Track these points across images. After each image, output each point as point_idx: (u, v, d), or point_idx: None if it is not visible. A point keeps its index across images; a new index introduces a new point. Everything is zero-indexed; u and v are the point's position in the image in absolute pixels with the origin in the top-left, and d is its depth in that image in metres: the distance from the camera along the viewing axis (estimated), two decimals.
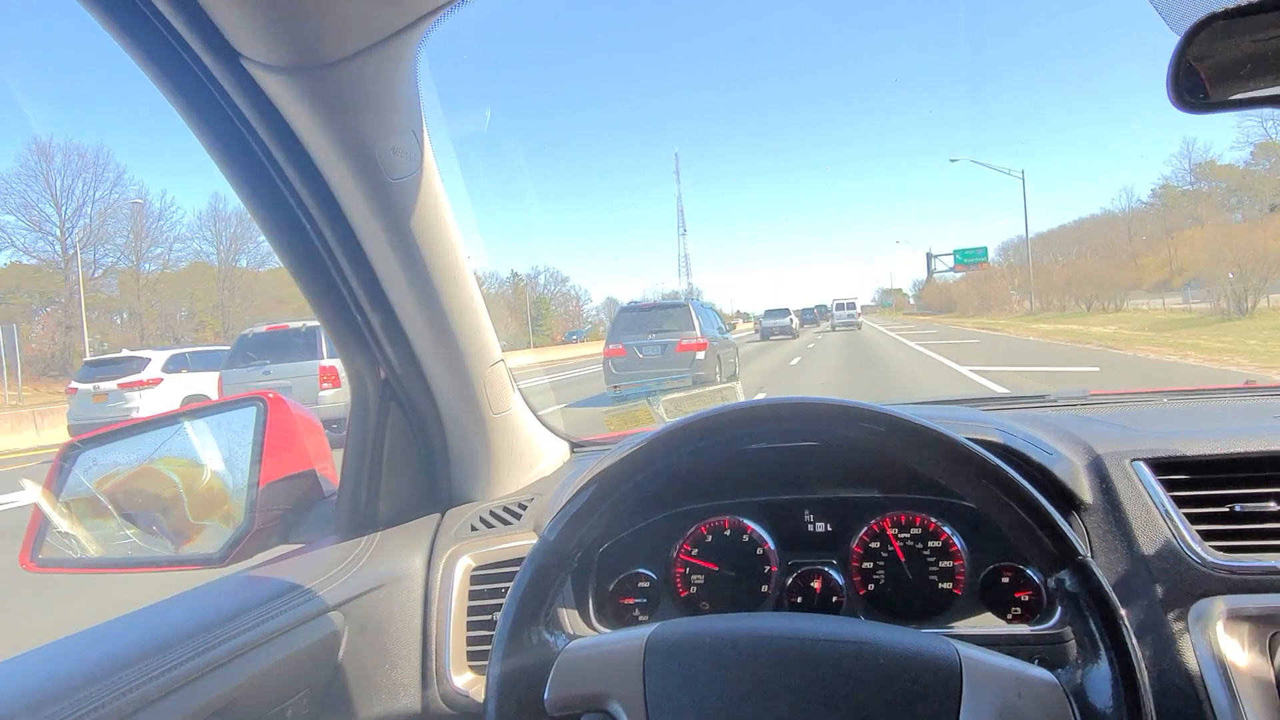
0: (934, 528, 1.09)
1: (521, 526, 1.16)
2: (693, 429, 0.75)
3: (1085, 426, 1.15)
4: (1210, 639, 0.87)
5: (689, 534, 1.16)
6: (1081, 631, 0.65)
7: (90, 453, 1.19)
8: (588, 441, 1.46)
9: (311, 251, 0.97)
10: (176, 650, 0.81)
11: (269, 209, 0.92)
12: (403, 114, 0.86)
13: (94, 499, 1.17)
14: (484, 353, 1.14)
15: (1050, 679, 0.64)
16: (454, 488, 1.24)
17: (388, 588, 1.08)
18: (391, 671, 1.05)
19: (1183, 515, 0.96)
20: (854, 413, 0.73)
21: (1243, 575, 0.90)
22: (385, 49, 0.76)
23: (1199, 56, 0.76)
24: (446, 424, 1.18)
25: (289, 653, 0.92)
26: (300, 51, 0.74)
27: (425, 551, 1.14)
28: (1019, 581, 1.05)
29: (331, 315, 1.05)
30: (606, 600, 1.15)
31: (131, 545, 1.16)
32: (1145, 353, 14.68)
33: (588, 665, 0.71)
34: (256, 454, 1.12)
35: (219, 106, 0.81)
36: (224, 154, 0.86)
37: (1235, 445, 1.00)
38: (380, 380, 1.13)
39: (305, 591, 0.98)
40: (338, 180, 0.89)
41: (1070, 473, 1.03)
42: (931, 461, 0.71)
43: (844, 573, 1.11)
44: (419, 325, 1.06)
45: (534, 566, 0.74)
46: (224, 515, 1.13)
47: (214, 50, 0.75)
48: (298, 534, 1.16)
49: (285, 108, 0.81)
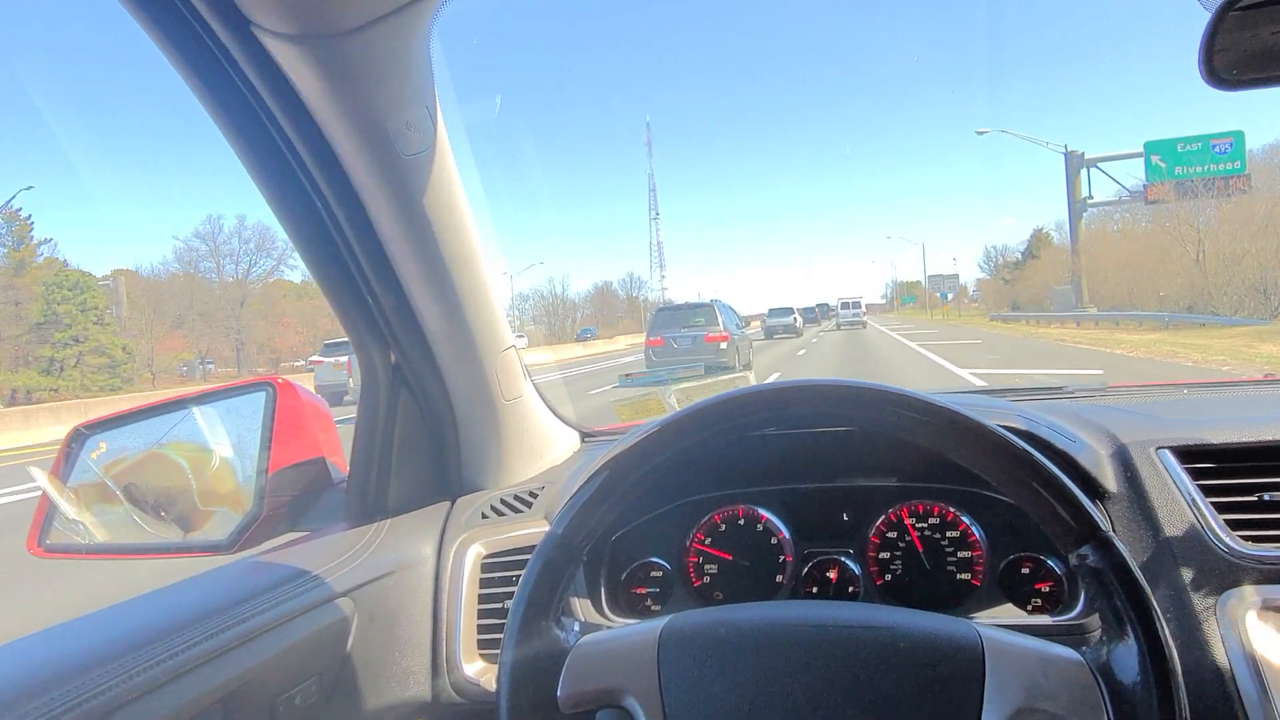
0: (952, 517, 1.07)
1: (533, 515, 1.15)
2: (714, 411, 0.73)
3: (1108, 415, 1.13)
4: (1240, 630, 0.85)
5: (702, 523, 1.14)
6: (1106, 609, 0.63)
7: (98, 437, 1.18)
8: (599, 431, 1.45)
9: (321, 229, 0.96)
10: (184, 634, 0.80)
11: (278, 184, 0.91)
12: (417, 88, 0.85)
13: (102, 484, 1.16)
14: (495, 338, 1.13)
15: (1076, 657, 0.62)
16: (464, 475, 1.23)
17: (398, 574, 1.07)
18: (401, 659, 1.04)
19: (1210, 504, 0.94)
20: (865, 394, 0.70)
21: (1272, 565, 0.88)
22: (399, 19, 0.75)
23: (1231, 31, 0.74)
24: (457, 410, 1.16)
25: (298, 638, 0.91)
26: (312, 19, 0.72)
27: (436, 539, 1.13)
28: (1039, 572, 1.03)
29: (342, 297, 1.03)
30: (619, 589, 1.14)
31: (139, 531, 1.15)
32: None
33: (600, 660, 0.69)
34: (266, 440, 1.11)
35: (228, 76, 0.80)
36: (233, 127, 0.85)
37: (1263, 434, 0.98)
38: (391, 365, 1.12)
39: (314, 578, 0.97)
40: (349, 154, 0.88)
41: (1094, 461, 1.01)
42: (947, 441, 0.69)
43: (860, 562, 1.09)
44: (430, 308, 1.04)
45: (542, 561, 0.72)
46: (233, 501, 1.12)
47: (223, 16, 0.73)
48: (307, 521, 1.15)
49: (297, 78, 0.79)
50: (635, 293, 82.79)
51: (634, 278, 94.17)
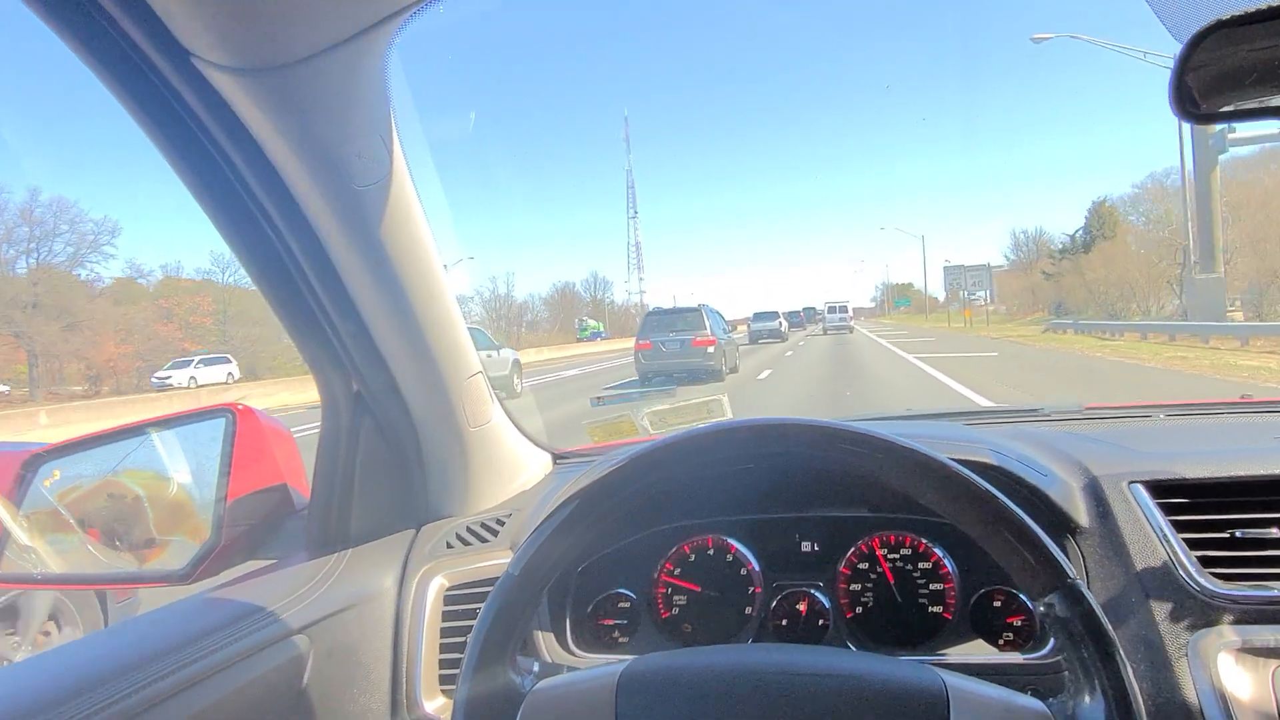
0: (924, 548, 1.05)
1: (499, 544, 1.13)
2: (672, 450, 0.72)
3: (1081, 445, 1.11)
4: (1211, 671, 0.84)
5: (671, 553, 1.12)
6: (1074, 659, 0.62)
7: (52, 464, 1.15)
8: (570, 453, 1.42)
9: (275, 258, 0.93)
10: (127, 679, 0.77)
11: (229, 216, 0.88)
12: (368, 118, 0.83)
13: (55, 512, 1.13)
14: (461, 365, 1.10)
15: (1041, 709, 0.61)
16: (430, 503, 1.20)
17: (357, 608, 1.04)
18: (359, 697, 1.01)
19: (1181, 540, 0.92)
20: (836, 434, 0.69)
21: (1244, 605, 0.87)
22: (347, 50, 0.72)
23: (1202, 65, 0.73)
24: (422, 437, 1.14)
25: (249, 679, 0.88)
26: (253, 51, 0.70)
27: (398, 570, 1.11)
28: (1011, 606, 1.01)
29: (299, 325, 1.01)
30: (585, 621, 1.12)
31: (93, 560, 1.12)
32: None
33: (557, 709, 0.67)
34: (225, 467, 1.08)
35: (171, 108, 0.77)
36: (180, 158, 0.82)
37: (1235, 468, 0.97)
38: (353, 393, 1.09)
39: (268, 614, 0.94)
40: (300, 187, 0.85)
41: (1066, 495, 0.99)
42: (914, 482, 0.68)
43: (831, 595, 1.07)
44: (391, 338, 1.02)
45: (498, 603, 0.70)
46: (190, 530, 1.09)
47: (162, 48, 0.70)
48: (268, 550, 1.12)
49: (241, 110, 0.76)
50: (601, 294, 77.45)
51: (599, 278, 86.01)
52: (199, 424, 1.14)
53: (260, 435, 1.11)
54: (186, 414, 1.16)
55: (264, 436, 1.12)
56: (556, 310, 71.21)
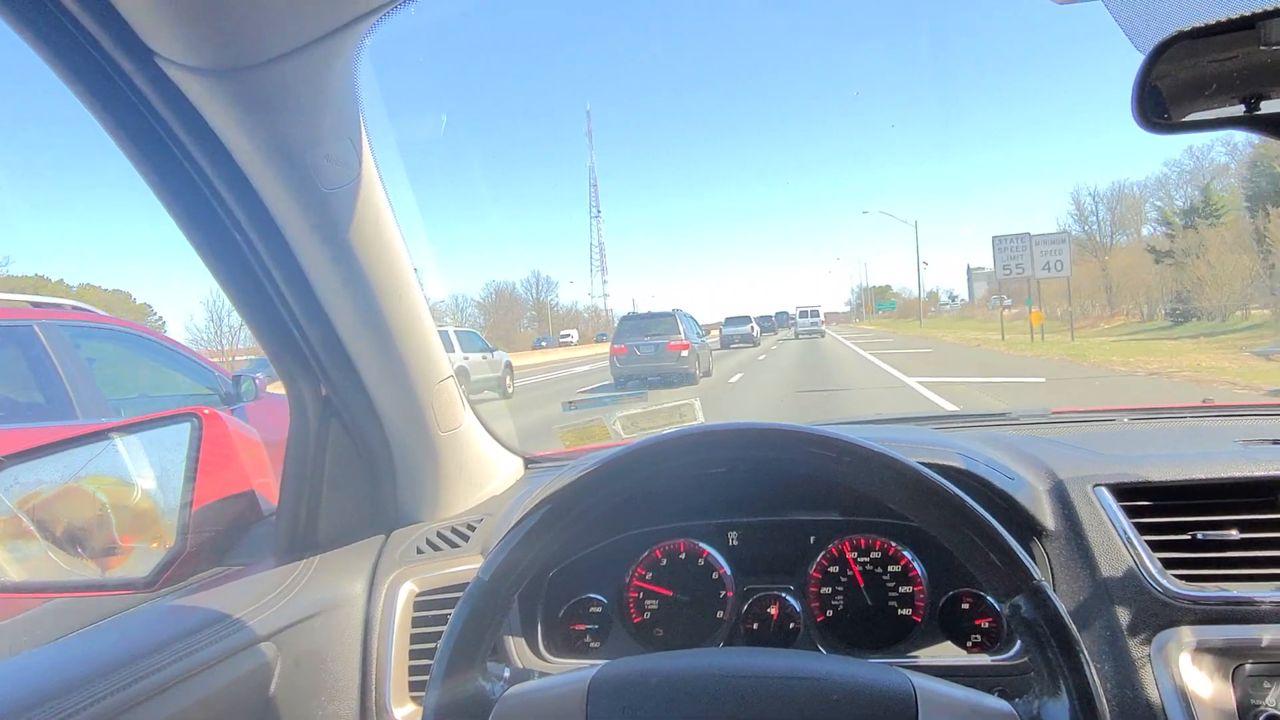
0: (894, 551, 1.06)
1: (469, 549, 1.12)
2: (643, 455, 0.72)
3: (1047, 449, 1.13)
4: (1173, 670, 0.85)
5: (642, 558, 1.12)
6: (1039, 660, 0.63)
7: (13, 470, 1.12)
8: (542, 457, 1.42)
9: (242, 263, 0.92)
10: (89, 689, 0.76)
11: (194, 218, 0.87)
12: (338, 120, 0.82)
13: (15, 519, 1.10)
14: (431, 369, 1.09)
15: (1007, 710, 0.62)
16: (400, 508, 1.19)
17: (326, 615, 1.03)
18: (328, 704, 1.00)
19: (1145, 543, 0.94)
20: (804, 438, 0.70)
21: (1206, 606, 0.88)
22: (314, 51, 0.72)
23: (1164, 76, 0.74)
24: (392, 442, 1.13)
25: (215, 687, 0.86)
26: (219, 52, 0.69)
27: (367, 576, 1.09)
28: (979, 608, 1.02)
29: (265, 329, 0.99)
30: (556, 626, 1.11)
31: (54, 568, 1.10)
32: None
33: (526, 715, 0.67)
34: (190, 472, 1.06)
35: (135, 109, 0.76)
36: (143, 159, 0.80)
37: (1197, 471, 0.98)
38: (321, 397, 1.08)
39: (235, 621, 0.93)
40: (267, 189, 0.84)
41: (1032, 498, 1.01)
42: (881, 486, 0.68)
43: (801, 599, 1.07)
44: (360, 342, 1.01)
45: (468, 609, 0.70)
46: (154, 536, 1.07)
47: (125, 47, 0.69)
48: (234, 556, 1.10)
49: (206, 110, 0.75)
50: (544, 295, 71.97)
51: (542, 277, 79.74)
52: (164, 428, 1.12)
53: (227, 440, 1.10)
54: (151, 418, 1.14)
55: (231, 442, 1.10)
56: (492, 314, 66.51)
